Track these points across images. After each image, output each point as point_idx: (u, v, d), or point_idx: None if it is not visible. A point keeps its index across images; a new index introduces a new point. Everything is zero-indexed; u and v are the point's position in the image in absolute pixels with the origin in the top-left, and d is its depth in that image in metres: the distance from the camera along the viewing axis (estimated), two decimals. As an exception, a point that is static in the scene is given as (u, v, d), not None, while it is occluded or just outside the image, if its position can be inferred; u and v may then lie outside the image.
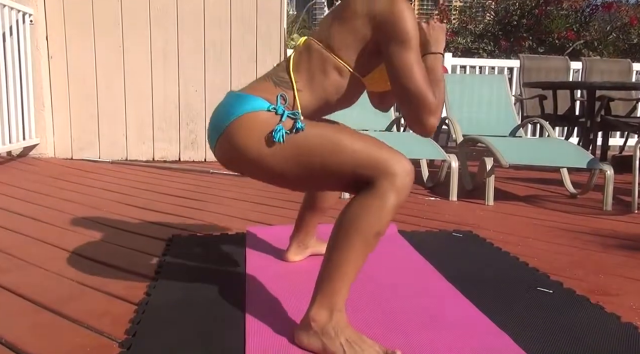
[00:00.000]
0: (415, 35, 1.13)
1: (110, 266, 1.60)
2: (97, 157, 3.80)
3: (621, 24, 8.82)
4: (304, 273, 1.56)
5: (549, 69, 4.87)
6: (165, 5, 3.72)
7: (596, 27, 8.93)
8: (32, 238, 1.86)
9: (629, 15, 8.63)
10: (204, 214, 2.31)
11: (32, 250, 1.73)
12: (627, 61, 5.06)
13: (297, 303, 1.32)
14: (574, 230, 2.24)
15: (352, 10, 1.17)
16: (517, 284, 1.52)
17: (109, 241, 1.85)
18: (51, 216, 2.17)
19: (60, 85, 3.72)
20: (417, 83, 1.13)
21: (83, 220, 2.13)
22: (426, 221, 2.31)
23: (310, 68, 1.20)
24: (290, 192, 2.88)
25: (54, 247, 1.76)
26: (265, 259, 1.67)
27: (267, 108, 1.14)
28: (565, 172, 3.14)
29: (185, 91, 3.84)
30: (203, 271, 1.55)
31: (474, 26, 10.28)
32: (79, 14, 3.65)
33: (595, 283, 1.59)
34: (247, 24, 3.81)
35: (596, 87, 3.98)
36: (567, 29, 8.63)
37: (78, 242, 1.82)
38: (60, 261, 1.62)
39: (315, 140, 1.10)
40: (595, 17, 9.15)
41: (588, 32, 8.71)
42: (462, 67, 6.01)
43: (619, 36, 8.88)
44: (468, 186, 3.09)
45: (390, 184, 1.03)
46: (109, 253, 1.71)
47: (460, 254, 1.81)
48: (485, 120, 3.78)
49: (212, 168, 3.48)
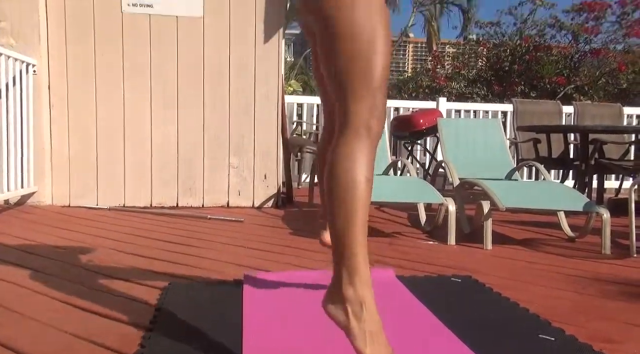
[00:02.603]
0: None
1: (106, 316, 1.57)
2: (94, 204, 3.80)
3: (610, 69, 9.08)
4: (303, 320, 1.54)
5: (541, 113, 4.97)
6: (166, 56, 3.82)
7: (586, 72, 9.18)
8: (28, 289, 1.84)
9: (617, 61, 8.89)
10: (201, 260, 2.29)
11: (27, 301, 1.71)
12: (617, 105, 5.17)
13: (296, 351, 1.29)
14: (573, 274, 2.22)
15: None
16: (518, 331, 1.50)
17: (104, 290, 1.83)
18: (47, 266, 2.15)
19: (60, 134, 3.77)
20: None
21: (79, 269, 2.11)
22: (424, 266, 2.29)
23: None
24: (286, 238, 2.87)
25: (49, 298, 1.73)
26: (263, 305, 1.65)
27: None
28: (563, 216, 3.14)
29: (184, 138, 3.89)
30: (199, 320, 1.52)
31: (467, 72, 10.56)
32: (82, 65, 3.74)
33: (597, 329, 1.57)
34: (246, 70, 3.90)
35: (589, 130, 4.05)
36: (558, 74, 8.87)
37: (74, 292, 1.80)
38: (56, 313, 1.60)
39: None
40: (584, 63, 9.43)
41: (578, 77, 8.95)
42: (457, 111, 6.13)
43: (608, 81, 9.12)
44: (466, 229, 3.09)
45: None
46: (104, 303, 1.69)
47: (459, 300, 1.79)
48: (481, 163, 3.82)
49: (210, 214, 3.47)
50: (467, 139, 3.90)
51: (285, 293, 1.77)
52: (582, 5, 9.09)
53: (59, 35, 3.70)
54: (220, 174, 3.93)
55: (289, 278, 1.89)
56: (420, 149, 5.87)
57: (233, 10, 3.86)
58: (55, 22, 3.69)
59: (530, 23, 9.82)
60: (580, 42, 9.26)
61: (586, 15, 9.11)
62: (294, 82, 12.73)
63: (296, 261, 2.35)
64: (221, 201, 3.94)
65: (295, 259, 2.38)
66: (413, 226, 3.25)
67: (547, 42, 9.36)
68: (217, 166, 3.92)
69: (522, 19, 9.88)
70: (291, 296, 1.72)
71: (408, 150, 5.27)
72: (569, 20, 9.34)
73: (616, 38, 9.19)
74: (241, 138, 3.90)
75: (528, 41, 9.29)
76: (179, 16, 3.81)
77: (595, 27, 9.12)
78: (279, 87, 3.96)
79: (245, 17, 3.87)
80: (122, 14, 3.75)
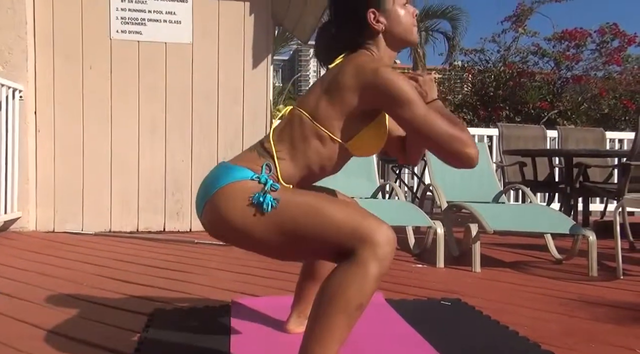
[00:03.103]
0: (411, 89, 1.16)
1: (89, 344, 1.53)
2: (80, 229, 3.75)
3: (591, 95, 9.29)
4: (289, 346, 1.51)
5: (526, 137, 5.04)
6: (155, 81, 3.84)
7: (568, 98, 9.38)
8: (8, 317, 1.79)
9: (598, 87, 9.11)
10: (188, 285, 2.26)
11: (7, 329, 1.66)
12: (600, 130, 5.27)
13: (283, 379, 1.27)
14: (562, 297, 2.23)
15: (339, 83, 1.20)
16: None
17: (88, 318, 1.79)
18: (28, 293, 2.10)
19: (46, 159, 3.73)
20: (440, 126, 1.15)
21: (61, 296, 2.07)
22: (414, 289, 2.28)
23: (293, 136, 1.22)
24: (275, 262, 2.85)
25: (30, 326, 1.69)
26: (251, 332, 1.62)
27: (250, 177, 1.16)
28: (550, 238, 3.16)
29: (172, 161, 3.88)
30: (185, 347, 1.49)
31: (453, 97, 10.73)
32: (69, 90, 3.74)
33: (586, 352, 1.57)
34: (234, 96, 3.93)
35: (572, 154, 4.11)
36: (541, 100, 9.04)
37: (55, 319, 1.76)
38: (37, 341, 1.55)
39: (297, 208, 1.11)
40: (566, 89, 9.64)
41: (561, 103, 9.13)
42: (444, 136, 6.18)
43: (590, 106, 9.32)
44: (454, 252, 3.09)
45: (371, 253, 1.03)
46: (87, 330, 1.65)
47: (449, 323, 1.78)
48: (469, 186, 3.85)
49: (197, 238, 3.44)
50: (454, 162, 3.94)
51: (273, 318, 1.74)
52: (563, 34, 9.33)
53: (46, 61, 3.71)
54: (208, 198, 3.90)
55: (277, 303, 1.87)
56: (408, 172, 5.90)
57: (222, 37, 3.91)
58: (43, 48, 3.70)
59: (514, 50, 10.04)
60: (562, 68, 9.48)
61: (567, 43, 9.35)
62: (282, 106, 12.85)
63: (285, 285, 2.32)
64: (209, 225, 3.90)
65: (284, 283, 2.36)
66: (402, 249, 3.24)
67: (530, 69, 9.56)
68: (205, 191, 3.89)
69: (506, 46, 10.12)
70: (280, 321, 1.70)
71: (396, 173, 5.31)
72: (550, 48, 9.58)
73: (597, 65, 9.43)
74: (229, 163, 3.89)
75: (512, 68, 9.49)
76: (168, 42, 3.84)
77: (576, 54, 9.36)
78: (267, 112, 3.99)
79: (234, 44, 3.92)
80: (110, 41, 3.77)
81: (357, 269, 1.02)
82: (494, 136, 5.85)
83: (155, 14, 3.83)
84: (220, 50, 3.91)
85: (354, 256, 1.04)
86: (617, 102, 9.02)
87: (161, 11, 3.84)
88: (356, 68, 1.19)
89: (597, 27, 9.39)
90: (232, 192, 1.14)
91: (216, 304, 1.94)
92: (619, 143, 6.04)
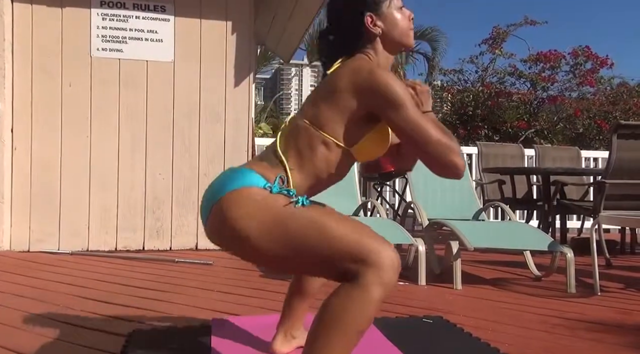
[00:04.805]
0: (405, 93, 1.16)
1: (64, 366, 1.49)
2: (56, 248, 3.66)
3: (567, 115, 9.53)
4: (272, 367, 1.49)
5: (505, 156, 5.14)
6: (135, 100, 3.81)
7: (544, 117, 9.60)
8: (-20, 338, 1.73)
9: (573, 108, 9.36)
10: (168, 305, 2.22)
11: (-22, 351, 1.61)
12: (575, 149, 5.40)
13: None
14: (541, 314, 2.25)
15: (336, 87, 1.21)
16: (490, 371, 1.49)
17: (64, 339, 1.74)
18: (2, 315, 2.04)
19: (21, 177, 3.66)
20: (431, 132, 1.16)
21: (36, 317, 2.01)
22: (396, 307, 2.28)
23: (299, 146, 1.22)
24: (259, 281, 2.82)
25: (4, 350, 1.64)
26: (233, 352, 1.59)
27: (263, 185, 1.14)
28: (529, 255, 3.20)
29: (153, 178, 3.83)
30: (165, 369, 1.46)
31: (433, 116, 10.87)
32: (48, 108, 3.69)
33: (567, 367, 1.58)
34: (216, 114, 3.92)
35: (549, 172, 4.19)
36: (519, 119, 9.24)
37: (29, 342, 1.71)
38: (9, 363, 1.51)
39: (302, 222, 1.09)
40: (542, 109, 9.88)
41: (538, 122, 9.34)
42: (424, 154, 6.26)
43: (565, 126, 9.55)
44: (436, 270, 3.10)
45: (376, 277, 1.01)
46: (63, 352, 1.60)
47: (431, 341, 1.78)
48: (449, 204, 3.89)
49: (177, 257, 3.39)
50: (435, 180, 3.97)
51: (257, 338, 1.72)
52: (539, 56, 9.60)
53: (25, 79, 3.66)
54: (188, 216, 3.86)
55: (261, 322, 1.84)
56: (390, 190, 5.94)
57: (204, 56, 3.92)
58: (21, 65, 3.66)
59: (491, 71, 10.28)
60: (539, 89, 9.72)
61: (542, 64, 9.61)
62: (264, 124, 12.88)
63: (267, 304, 2.30)
64: (190, 243, 3.86)
65: (266, 302, 2.34)
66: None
67: (508, 89, 9.79)
68: (186, 209, 3.86)
69: (483, 67, 10.36)
70: (263, 341, 1.67)
71: (378, 191, 5.33)
72: (526, 70, 9.83)
73: (571, 86, 9.71)
74: (211, 181, 3.86)
75: (490, 88, 9.70)
76: (149, 61, 3.84)
77: (551, 76, 9.62)
78: (249, 130, 3.99)
79: (216, 62, 3.93)
80: (90, 58, 3.75)
81: (361, 293, 1.00)
82: (473, 154, 5.93)
83: (137, 32, 3.83)
84: (202, 68, 3.91)
85: (357, 278, 1.02)
86: (592, 122, 9.27)
87: (143, 29, 3.84)
88: (353, 71, 1.20)
89: (570, 49, 9.69)
90: (241, 197, 1.12)
91: (197, 324, 1.91)
92: (593, 162, 6.18)
